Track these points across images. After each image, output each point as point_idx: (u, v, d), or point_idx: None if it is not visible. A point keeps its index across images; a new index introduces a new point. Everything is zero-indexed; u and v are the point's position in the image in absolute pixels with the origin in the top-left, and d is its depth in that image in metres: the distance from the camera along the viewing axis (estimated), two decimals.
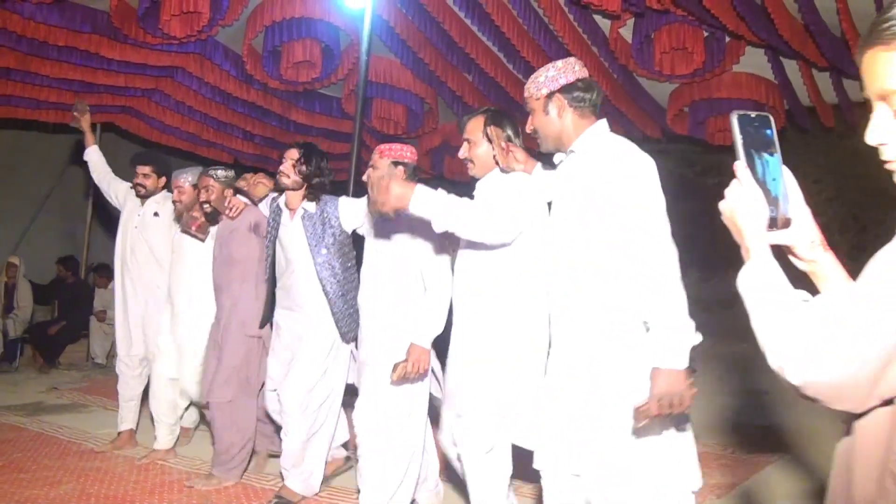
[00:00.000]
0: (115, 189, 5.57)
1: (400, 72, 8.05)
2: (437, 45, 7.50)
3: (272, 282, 4.42)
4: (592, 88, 2.76)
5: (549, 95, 2.76)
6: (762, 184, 1.33)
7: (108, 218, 8.72)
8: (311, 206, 4.17)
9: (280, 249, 4.29)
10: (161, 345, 5.05)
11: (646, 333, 2.44)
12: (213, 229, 4.83)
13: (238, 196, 4.59)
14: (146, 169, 5.35)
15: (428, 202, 2.78)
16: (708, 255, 7.03)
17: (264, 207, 4.49)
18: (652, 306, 2.37)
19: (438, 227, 2.84)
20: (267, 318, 4.49)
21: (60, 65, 7.56)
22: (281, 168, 4.20)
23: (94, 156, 5.62)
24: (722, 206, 1.36)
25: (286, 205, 4.27)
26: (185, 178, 5.04)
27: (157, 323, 5.15)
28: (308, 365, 4.12)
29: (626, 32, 7.27)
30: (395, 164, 3.76)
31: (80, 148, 5.75)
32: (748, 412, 6.62)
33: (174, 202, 5.11)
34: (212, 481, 4.48)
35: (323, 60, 7.42)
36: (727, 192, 1.35)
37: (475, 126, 3.33)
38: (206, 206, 4.71)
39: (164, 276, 5.24)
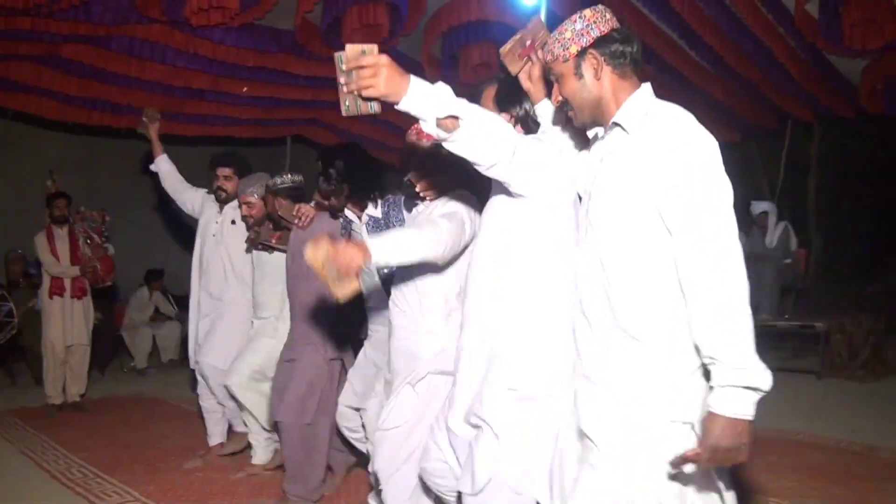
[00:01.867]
0: (189, 198, 5.37)
1: None
2: None
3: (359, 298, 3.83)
4: (631, 40, 2.19)
5: (581, 53, 2.19)
6: None
7: None
8: (375, 211, 3.75)
9: None
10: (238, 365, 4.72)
11: (697, 365, 2.01)
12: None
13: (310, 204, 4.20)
14: (227, 171, 5.11)
15: (431, 93, 2.11)
16: None
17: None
18: (708, 335, 1.91)
19: (438, 132, 2.19)
20: (351, 338, 4.23)
21: (250, 83, 7.97)
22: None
23: (164, 165, 5.42)
24: None
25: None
26: (253, 191, 4.70)
27: (233, 337, 4.96)
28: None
29: (813, 8, 6.95)
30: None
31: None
32: None
33: (244, 217, 4.80)
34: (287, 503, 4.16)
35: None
36: None
37: (487, 97, 2.80)
38: (270, 215, 4.49)
39: (241, 288, 5.06)
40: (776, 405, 6.66)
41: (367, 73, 2.01)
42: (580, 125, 2.32)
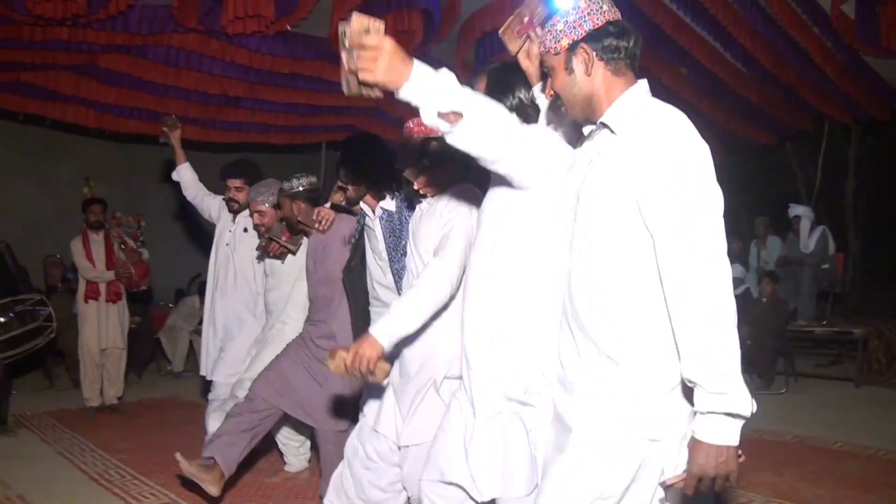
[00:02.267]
0: (208, 205, 5.32)
1: None
2: (650, 42, 7.34)
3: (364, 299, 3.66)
4: (628, 34, 2.05)
5: (572, 47, 2.06)
6: None
7: None
8: (389, 204, 3.42)
9: (371, 259, 3.55)
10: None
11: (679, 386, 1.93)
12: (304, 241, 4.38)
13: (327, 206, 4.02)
14: (237, 182, 5.03)
15: (433, 86, 2.01)
16: None
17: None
18: (691, 357, 1.80)
19: (439, 124, 2.07)
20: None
21: (286, 90, 8.07)
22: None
23: (186, 174, 5.39)
24: None
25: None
26: (264, 199, 4.57)
27: (242, 347, 4.84)
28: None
29: (849, 8, 6.92)
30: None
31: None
32: None
33: (256, 226, 4.69)
34: None
35: None
36: None
37: (478, 89, 2.55)
38: (286, 220, 4.35)
39: (254, 299, 4.98)
40: (813, 413, 6.64)
41: (367, 56, 1.90)
42: (573, 120, 2.22)
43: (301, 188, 4.28)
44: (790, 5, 6.84)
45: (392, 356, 2.97)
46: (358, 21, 1.91)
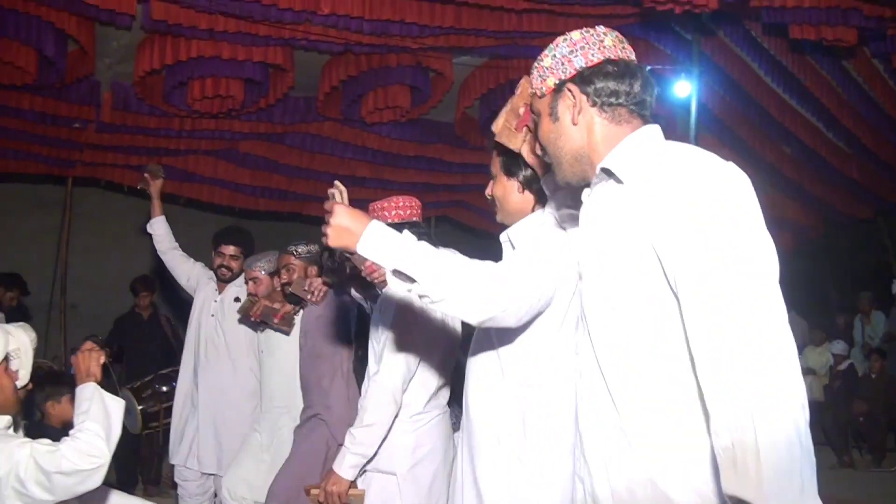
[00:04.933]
0: (186, 269, 4.85)
1: (716, 150, 8.33)
2: (755, 122, 7.72)
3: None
4: (633, 75, 1.65)
5: (559, 87, 1.68)
6: None
7: None
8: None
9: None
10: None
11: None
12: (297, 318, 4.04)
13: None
14: (232, 249, 4.64)
15: (386, 244, 1.74)
16: None
17: None
18: (726, 466, 1.33)
19: (396, 287, 1.82)
20: None
21: (408, 171, 8.64)
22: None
23: (160, 228, 4.86)
24: None
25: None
26: (261, 267, 4.28)
27: (232, 430, 4.41)
28: None
29: None
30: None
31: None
32: None
33: (249, 295, 4.30)
34: None
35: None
36: None
37: (495, 164, 2.35)
38: (286, 288, 3.91)
39: (241, 376, 4.51)
40: None
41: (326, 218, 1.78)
42: (562, 184, 1.81)
43: (310, 253, 3.96)
44: (892, 88, 7.17)
45: None
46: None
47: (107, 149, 7.84)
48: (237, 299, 4.52)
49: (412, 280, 1.75)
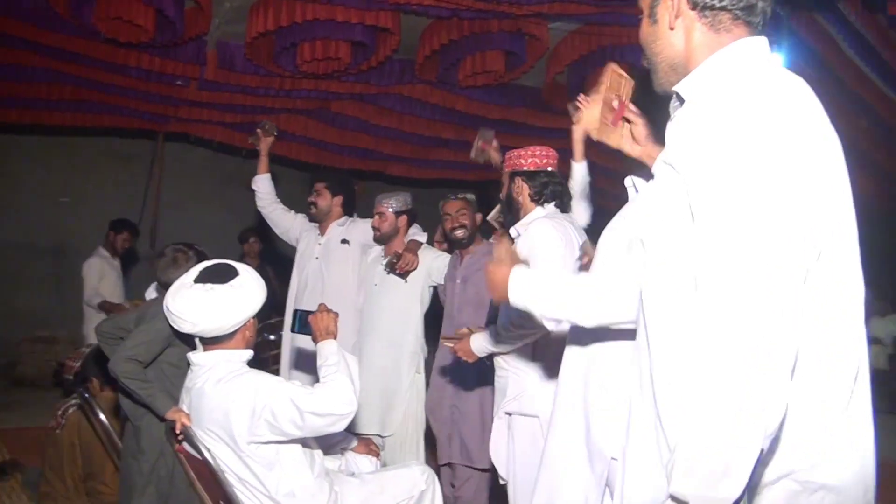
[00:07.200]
0: (287, 221, 4.95)
1: None
2: (833, 93, 7.83)
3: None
4: None
5: None
6: None
7: None
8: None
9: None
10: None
11: None
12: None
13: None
14: (319, 185, 4.78)
15: (529, 290, 2.00)
16: None
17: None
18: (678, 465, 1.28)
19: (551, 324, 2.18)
20: None
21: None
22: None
23: (265, 185, 4.96)
24: None
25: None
26: (389, 203, 4.47)
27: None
28: None
29: None
30: (514, 174, 3.40)
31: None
32: None
33: (373, 227, 4.50)
34: None
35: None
36: None
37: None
38: (458, 231, 4.18)
39: (354, 315, 4.51)
40: None
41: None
42: (660, 92, 1.63)
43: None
44: None
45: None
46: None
47: (203, 105, 8.16)
48: (344, 241, 4.66)
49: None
